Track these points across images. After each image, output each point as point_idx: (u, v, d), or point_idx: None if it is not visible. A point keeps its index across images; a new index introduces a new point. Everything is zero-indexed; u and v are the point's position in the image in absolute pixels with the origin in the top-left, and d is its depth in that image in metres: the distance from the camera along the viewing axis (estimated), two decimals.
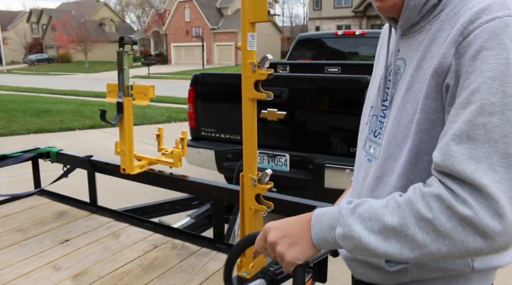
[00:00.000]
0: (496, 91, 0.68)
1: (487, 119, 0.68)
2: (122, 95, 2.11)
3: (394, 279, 0.89)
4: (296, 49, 6.38)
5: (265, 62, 1.18)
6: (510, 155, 0.67)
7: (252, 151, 1.32)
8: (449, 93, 0.77)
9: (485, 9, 0.74)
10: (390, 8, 0.88)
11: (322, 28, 35.85)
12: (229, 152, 3.67)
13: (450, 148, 0.70)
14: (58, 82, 24.13)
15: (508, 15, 0.72)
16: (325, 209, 0.81)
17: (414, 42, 0.88)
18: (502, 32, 0.71)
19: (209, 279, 1.68)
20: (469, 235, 0.67)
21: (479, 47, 0.72)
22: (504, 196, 0.66)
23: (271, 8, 1.14)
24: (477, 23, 0.73)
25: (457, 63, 0.75)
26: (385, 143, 0.90)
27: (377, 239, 0.73)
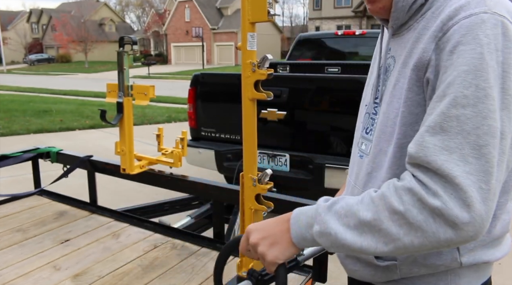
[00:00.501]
0: (469, 84, 0.71)
1: (460, 111, 0.70)
2: (122, 95, 2.11)
3: (384, 277, 0.90)
4: (296, 49, 6.38)
5: (265, 62, 1.18)
6: (481, 146, 0.68)
7: (252, 151, 1.32)
8: (429, 87, 0.79)
9: (464, 6, 0.76)
10: (381, 10, 0.91)
11: (322, 28, 35.85)
12: (229, 152, 3.67)
13: (424, 139, 0.72)
14: (58, 82, 24.13)
15: (485, 11, 0.74)
16: (303, 208, 0.83)
17: (403, 40, 0.90)
18: (477, 28, 0.73)
19: (209, 279, 1.68)
20: (440, 226, 0.68)
21: (456, 42, 0.74)
22: (473, 187, 0.67)
23: (271, 8, 1.14)
24: (456, 19, 0.76)
25: (436, 58, 0.77)
26: (375, 139, 0.92)
27: (352, 234, 0.74)
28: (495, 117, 0.70)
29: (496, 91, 0.71)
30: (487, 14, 0.74)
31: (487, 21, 0.73)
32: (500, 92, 0.72)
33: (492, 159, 0.69)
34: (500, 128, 0.70)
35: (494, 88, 0.71)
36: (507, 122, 0.72)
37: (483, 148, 0.69)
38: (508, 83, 0.72)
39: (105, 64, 40.75)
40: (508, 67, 0.73)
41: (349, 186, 1.06)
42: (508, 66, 0.73)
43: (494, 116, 0.70)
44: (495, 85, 0.71)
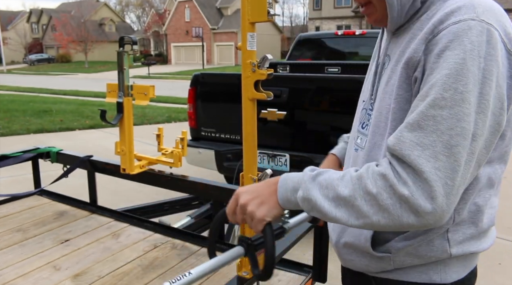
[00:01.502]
0: (449, 87, 0.76)
1: (437, 112, 0.76)
2: (122, 95, 2.11)
3: (378, 267, 0.95)
4: (296, 49, 6.38)
5: (265, 62, 1.18)
6: (452, 146, 0.75)
7: (252, 151, 1.32)
8: (416, 85, 0.84)
9: (454, 12, 0.80)
10: (376, 22, 0.97)
11: (322, 28, 35.84)
12: (229, 152, 3.67)
13: (402, 134, 0.79)
14: (58, 82, 24.13)
15: (472, 18, 0.78)
16: (291, 174, 0.89)
17: (398, 40, 0.95)
18: (464, 34, 0.77)
19: (209, 279, 1.68)
20: (405, 211, 0.76)
21: (444, 46, 0.78)
22: (440, 182, 0.75)
23: (271, 8, 1.14)
24: (446, 23, 0.80)
25: (425, 59, 0.82)
26: (370, 134, 0.98)
27: (330, 205, 0.82)
28: (469, 120, 0.76)
29: (474, 95, 0.76)
30: (474, 21, 0.78)
31: (474, 28, 0.77)
32: (478, 96, 0.76)
33: (461, 159, 0.75)
34: (473, 130, 0.76)
35: (471, 93, 0.76)
36: (481, 125, 0.77)
37: (453, 148, 0.75)
38: (486, 88, 0.77)
39: (105, 64, 40.75)
40: (489, 74, 0.77)
41: None
42: (488, 72, 0.77)
43: (468, 119, 0.75)
44: (473, 90, 0.76)
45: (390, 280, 0.95)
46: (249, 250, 0.98)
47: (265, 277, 0.97)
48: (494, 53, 0.77)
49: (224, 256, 0.95)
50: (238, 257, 0.98)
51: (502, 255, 3.25)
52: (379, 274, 0.97)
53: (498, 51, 0.78)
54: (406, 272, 0.93)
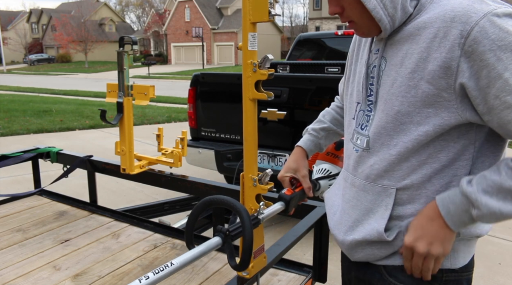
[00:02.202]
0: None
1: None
2: (122, 95, 2.11)
3: (388, 250, 0.98)
4: (296, 49, 6.38)
5: (266, 62, 1.18)
6: None
7: (253, 151, 1.32)
8: (468, 90, 0.85)
9: (470, 10, 0.84)
10: (364, 35, 1.01)
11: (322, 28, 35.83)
12: (229, 152, 3.67)
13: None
14: (58, 82, 24.13)
15: (495, 8, 0.83)
16: (444, 199, 0.89)
17: (393, 42, 0.97)
18: (500, 22, 0.81)
19: (209, 279, 1.67)
20: None
21: (491, 41, 0.81)
22: None
23: (272, 8, 1.14)
24: (471, 22, 0.82)
25: (468, 60, 0.84)
26: (374, 134, 1.00)
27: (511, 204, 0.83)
28: None
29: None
30: (499, 9, 0.82)
31: (502, 14, 0.82)
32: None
33: None
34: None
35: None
36: None
37: None
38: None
39: (105, 64, 40.76)
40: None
41: (348, 178, 1.10)
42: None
43: None
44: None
45: (400, 266, 0.97)
46: (226, 240, 1.00)
47: (241, 267, 0.99)
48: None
49: (203, 247, 0.97)
50: (216, 247, 1.00)
51: (502, 255, 3.25)
52: (388, 261, 0.99)
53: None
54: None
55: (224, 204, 1.03)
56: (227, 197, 1.04)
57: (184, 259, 0.93)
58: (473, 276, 1.03)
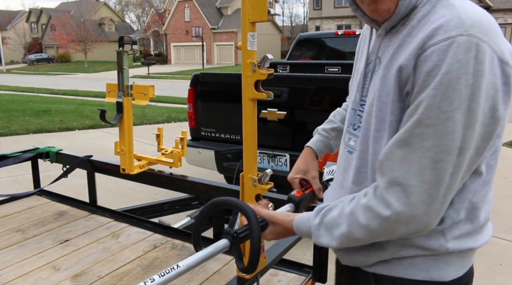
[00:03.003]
0: (434, 107, 0.80)
1: (423, 130, 0.81)
2: (122, 95, 2.11)
3: (375, 256, 0.97)
4: (296, 49, 6.38)
5: (265, 62, 1.18)
6: (436, 161, 0.81)
7: (252, 151, 1.31)
8: (408, 98, 0.87)
9: (443, 26, 0.81)
10: (384, 12, 0.93)
11: (322, 28, 35.85)
12: (229, 152, 3.67)
13: (392, 151, 0.86)
14: (57, 82, 24.12)
15: (461, 33, 0.79)
16: (299, 223, 1.00)
17: (389, 43, 0.95)
18: (452, 53, 0.79)
19: (209, 279, 1.67)
20: (396, 227, 0.86)
21: (433, 64, 0.80)
22: (425, 193, 0.82)
23: (271, 7, 1.13)
24: (434, 40, 0.81)
25: (414, 75, 0.84)
26: (362, 137, 1.00)
27: (337, 242, 0.94)
28: (454, 137, 0.80)
29: (461, 112, 0.79)
30: (463, 37, 0.79)
31: (462, 44, 0.78)
32: (466, 112, 0.79)
33: (445, 173, 0.82)
34: (459, 145, 0.81)
35: (457, 110, 0.79)
36: (469, 140, 0.81)
37: (438, 163, 0.81)
38: (474, 104, 0.79)
39: (104, 64, 40.74)
40: (477, 89, 0.79)
41: (338, 180, 1.10)
42: (477, 88, 0.79)
43: (453, 136, 0.80)
44: (460, 107, 0.79)
45: (389, 276, 0.96)
46: (234, 243, 0.99)
47: (249, 270, 0.98)
48: (482, 67, 0.78)
49: (210, 249, 0.96)
50: (223, 249, 0.99)
51: (502, 255, 3.25)
52: (378, 269, 0.97)
53: (486, 64, 0.79)
54: (406, 268, 0.94)
55: (231, 205, 1.02)
56: (235, 199, 1.03)
57: (191, 262, 0.92)
58: (473, 276, 1.02)
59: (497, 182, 5.11)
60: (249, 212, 0.98)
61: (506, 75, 0.82)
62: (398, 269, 0.94)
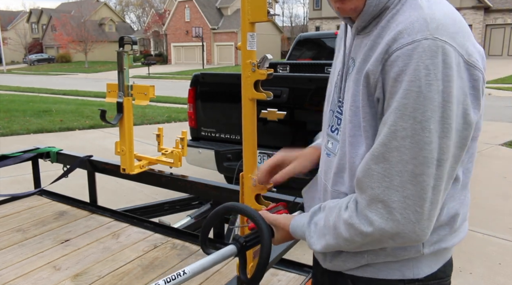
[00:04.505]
0: (408, 117, 0.76)
1: (399, 143, 0.78)
2: (122, 95, 2.11)
3: (353, 262, 0.97)
4: (296, 49, 6.38)
5: (265, 62, 1.18)
6: (417, 175, 0.78)
7: (252, 151, 1.32)
8: (379, 105, 0.84)
9: (407, 29, 0.78)
10: (351, 11, 0.90)
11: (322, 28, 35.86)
12: (229, 152, 3.67)
13: (370, 167, 0.82)
14: (58, 82, 24.13)
15: (425, 37, 0.76)
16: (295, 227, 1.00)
17: (361, 43, 0.92)
18: (418, 58, 0.75)
19: (209, 279, 1.68)
20: (383, 242, 0.85)
21: (399, 70, 0.77)
22: (410, 210, 0.79)
23: (271, 8, 1.14)
24: (399, 43, 0.78)
25: (383, 80, 0.81)
26: (341, 141, 0.96)
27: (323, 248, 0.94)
28: (431, 148, 0.76)
29: (435, 121, 0.76)
30: (428, 41, 0.75)
31: (428, 49, 0.75)
32: (440, 121, 0.76)
33: (427, 186, 0.78)
34: (437, 156, 0.77)
35: (431, 120, 0.76)
36: (446, 149, 0.78)
37: (418, 177, 0.78)
38: (447, 112, 0.76)
39: (105, 64, 40.75)
40: (448, 96, 0.75)
41: (321, 183, 1.07)
42: (448, 95, 0.75)
43: (430, 147, 0.76)
44: (433, 116, 0.75)
45: (365, 278, 0.96)
46: (241, 250, 0.98)
47: (253, 281, 0.97)
48: (451, 72, 0.75)
49: (216, 255, 0.96)
50: (230, 256, 0.98)
51: (502, 255, 3.25)
52: (355, 272, 0.97)
53: (454, 68, 0.76)
54: (379, 269, 0.94)
55: (243, 213, 0.99)
56: (249, 208, 1.01)
57: (196, 268, 0.91)
58: (473, 276, 1.02)
59: (497, 182, 5.12)
60: (262, 225, 0.96)
61: (474, 79, 0.79)
62: (372, 271, 0.95)
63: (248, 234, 1.01)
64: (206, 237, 1.05)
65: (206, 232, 1.05)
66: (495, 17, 30.63)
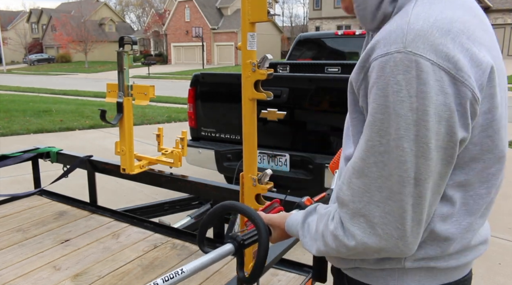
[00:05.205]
0: (384, 132, 0.74)
1: (377, 158, 0.76)
2: (122, 95, 2.11)
3: (345, 263, 0.97)
4: (296, 49, 6.38)
5: (265, 62, 1.18)
6: (395, 193, 0.76)
7: (252, 151, 1.32)
8: (365, 112, 0.81)
9: (384, 39, 0.75)
10: (346, 9, 0.92)
11: (322, 28, 35.85)
12: (229, 152, 3.67)
13: (351, 181, 0.81)
14: (58, 82, 24.13)
15: (398, 50, 0.71)
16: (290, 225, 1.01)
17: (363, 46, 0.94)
18: (389, 73, 0.72)
19: (209, 279, 1.68)
20: (369, 254, 0.84)
21: (373, 82, 0.75)
22: (391, 226, 0.77)
23: (271, 8, 1.14)
24: (375, 54, 0.75)
25: (365, 88, 0.79)
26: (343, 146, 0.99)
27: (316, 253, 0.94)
28: (406, 167, 0.73)
29: (409, 140, 0.72)
30: (400, 54, 0.71)
31: (400, 63, 0.71)
32: (415, 140, 0.72)
33: (405, 205, 0.76)
34: (414, 175, 0.74)
35: (405, 138, 0.72)
36: (424, 169, 0.74)
37: (396, 195, 0.75)
38: (423, 131, 0.71)
39: (105, 64, 40.76)
40: (424, 114, 0.71)
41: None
42: (423, 112, 0.71)
43: (405, 167, 0.73)
44: (407, 134, 0.72)
45: (355, 280, 0.96)
46: (239, 249, 0.99)
47: (251, 280, 0.97)
48: (426, 89, 0.70)
49: (214, 254, 0.96)
50: (228, 255, 0.99)
51: (501, 255, 3.25)
52: (349, 272, 0.98)
53: (431, 84, 0.70)
54: (367, 274, 0.93)
55: (242, 212, 1.00)
56: (246, 206, 1.02)
57: (194, 266, 0.92)
58: (473, 276, 1.02)
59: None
60: (260, 224, 0.96)
61: (461, 96, 0.72)
62: (361, 274, 0.94)
63: (245, 233, 1.01)
64: (203, 236, 1.05)
65: (204, 231, 1.06)
66: (495, 17, 30.63)
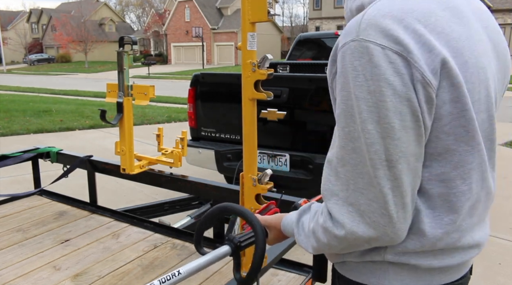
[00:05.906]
0: (354, 118, 0.77)
1: (355, 144, 0.77)
2: (122, 95, 2.11)
3: (335, 257, 0.98)
4: (296, 49, 6.39)
5: (265, 62, 1.18)
6: (372, 178, 0.76)
7: (252, 151, 1.32)
8: None
9: (345, 31, 0.79)
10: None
11: (322, 28, 35.86)
12: (229, 152, 3.67)
13: (337, 170, 0.82)
14: (58, 82, 24.13)
15: (353, 39, 0.76)
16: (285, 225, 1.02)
17: None
18: (348, 59, 0.76)
19: (209, 279, 1.68)
20: (359, 245, 0.83)
21: (338, 73, 0.79)
22: (377, 213, 0.78)
23: (271, 8, 1.14)
24: (340, 45, 0.80)
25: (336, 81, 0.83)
26: None
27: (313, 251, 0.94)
28: (375, 150, 0.75)
29: (373, 122, 0.74)
30: (354, 43, 0.76)
31: (355, 50, 0.75)
32: (378, 121, 0.74)
33: (384, 189, 0.76)
34: (385, 157, 0.75)
35: (368, 121, 0.74)
36: (393, 149, 0.75)
37: (373, 180, 0.76)
38: (383, 111, 0.74)
39: (105, 64, 40.76)
40: (381, 95, 0.73)
41: None
42: (380, 93, 0.73)
43: (373, 149, 0.75)
44: (370, 116, 0.74)
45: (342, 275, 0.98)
46: (236, 250, 0.99)
47: (247, 282, 0.97)
48: (379, 71, 0.73)
49: (211, 255, 0.97)
50: (225, 256, 0.99)
51: (502, 255, 3.25)
52: (338, 267, 0.99)
53: (384, 67, 0.73)
54: (351, 269, 0.93)
55: (239, 214, 1.00)
56: (244, 209, 1.02)
57: (191, 268, 0.93)
58: (473, 276, 1.02)
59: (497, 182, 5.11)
60: (257, 226, 0.96)
61: (413, 77, 0.74)
62: (346, 269, 0.95)
63: (242, 235, 1.01)
64: (200, 238, 1.06)
65: (200, 233, 1.06)
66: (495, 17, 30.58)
